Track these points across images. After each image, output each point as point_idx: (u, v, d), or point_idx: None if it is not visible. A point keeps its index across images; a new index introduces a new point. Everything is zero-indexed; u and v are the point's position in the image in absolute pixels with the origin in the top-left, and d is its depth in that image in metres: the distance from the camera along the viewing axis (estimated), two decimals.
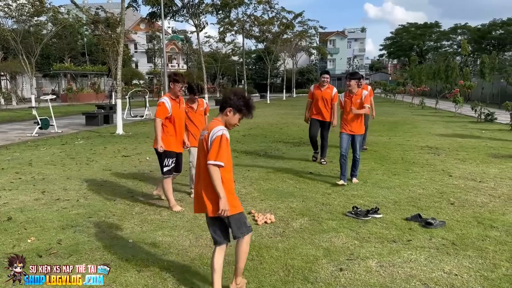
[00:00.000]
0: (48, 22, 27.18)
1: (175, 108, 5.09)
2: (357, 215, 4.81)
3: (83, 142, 11.35)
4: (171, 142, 5.15)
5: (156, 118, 5.07)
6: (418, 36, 71.09)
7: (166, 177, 5.15)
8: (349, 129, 6.40)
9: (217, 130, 2.86)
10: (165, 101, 5.06)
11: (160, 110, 5.03)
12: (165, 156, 5.13)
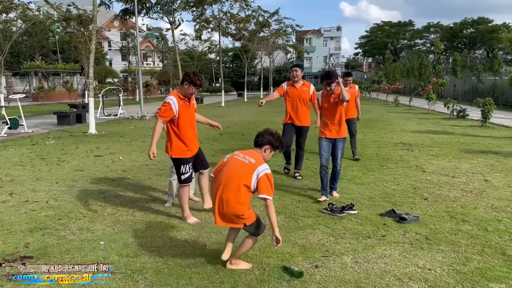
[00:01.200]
0: (17, 19, 26.40)
1: (184, 109, 4.49)
2: (332, 212, 4.81)
3: (54, 142, 11.03)
4: (183, 148, 4.57)
5: (158, 119, 4.41)
6: (392, 34, 72.32)
7: (184, 185, 4.63)
8: (329, 133, 5.46)
9: (265, 167, 3.29)
10: (171, 101, 4.39)
11: (164, 110, 4.38)
12: (180, 163, 4.58)
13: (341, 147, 5.51)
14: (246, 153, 3.41)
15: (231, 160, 3.40)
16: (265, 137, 3.49)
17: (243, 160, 3.34)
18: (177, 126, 4.51)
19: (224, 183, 3.28)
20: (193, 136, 4.69)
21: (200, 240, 4.07)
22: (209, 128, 5.56)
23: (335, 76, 5.40)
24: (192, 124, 4.68)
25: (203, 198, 5.01)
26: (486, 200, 5.36)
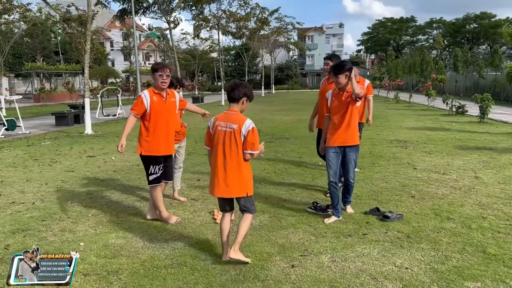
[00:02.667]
0: (19, 20, 26.48)
1: (158, 104, 4.31)
2: (317, 210, 4.79)
3: (49, 143, 11.06)
4: (154, 145, 4.35)
5: (130, 113, 4.38)
6: (394, 31, 72.01)
7: (153, 186, 4.44)
8: (338, 140, 4.53)
9: (249, 123, 3.39)
10: (143, 95, 4.32)
11: (135, 104, 4.32)
12: (149, 162, 4.39)
13: (353, 158, 4.63)
14: (225, 119, 3.45)
15: (219, 134, 3.45)
16: (241, 90, 3.47)
17: (227, 129, 3.41)
18: (149, 121, 4.35)
19: (221, 161, 3.43)
20: (167, 135, 4.44)
21: (180, 241, 4.05)
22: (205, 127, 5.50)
23: (345, 66, 4.40)
24: (168, 121, 4.42)
25: (159, 209, 4.55)
26: (474, 197, 5.31)
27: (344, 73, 4.37)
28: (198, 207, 5.17)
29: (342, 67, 4.38)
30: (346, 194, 4.82)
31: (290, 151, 9.15)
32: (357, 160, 4.72)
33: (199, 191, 5.93)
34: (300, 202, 5.28)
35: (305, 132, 12.24)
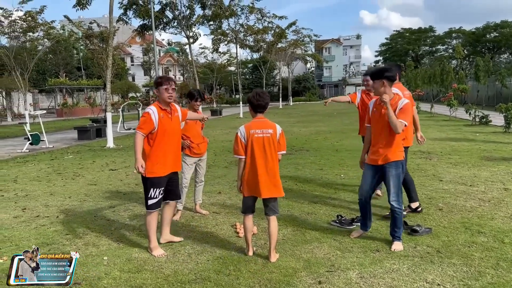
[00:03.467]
0: (43, 38, 27.27)
1: (165, 120, 3.99)
2: (341, 224, 4.68)
3: (72, 156, 11.23)
4: (160, 165, 3.99)
5: (137, 132, 3.96)
6: (413, 41, 71.46)
7: (150, 212, 4.04)
8: (374, 157, 4.08)
9: (279, 127, 3.87)
10: (151, 111, 3.94)
11: (143, 122, 3.93)
12: (150, 185, 3.99)
13: (393, 174, 4.00)
14: (259, 126, 3.77)
15: (257, 141, 3.72)
16: (266, 100, 3.86)
17: (263, 135, 3.75)
18: (154, 140, 3.98)
19: (264, 165, 3.72)
20: (172, 153, 4.10)
21: (203, 255, 4.00)
22: (224, 140, 5.52)
23: (384, 72, 3.96)
24: (173, 139, 4.09)
25: (162, 230, 4.35)
26: (504, 210, 5.12)
27: (380, 80, 3.95)
28: (220, 220, 5.13)
29: (379, 73, 4.00)
30: (393, 226, 4.05)
31: (310, 163, 9.05)
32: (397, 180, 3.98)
33: (221, 204, 5.88)
34: (323, 215, 5.18)
35: (325, 144, 12.16)
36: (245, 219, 3.92)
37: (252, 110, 3.88)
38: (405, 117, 3.93)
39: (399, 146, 4.05)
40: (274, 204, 3.83)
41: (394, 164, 4.00)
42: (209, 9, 20.75)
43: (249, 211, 3.89)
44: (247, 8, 26.07)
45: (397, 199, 4.00)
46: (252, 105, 3.85)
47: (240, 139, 3.77)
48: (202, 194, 5.61)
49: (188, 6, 20.48)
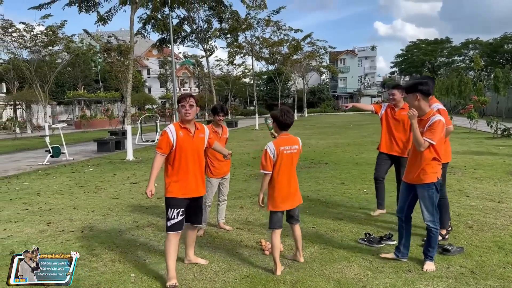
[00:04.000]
0: (63, 51, 27.86)
1: (185, 140, 3.79)
2: (370, 242, 4.59)
3: (93, 169, 11.34)
4: (177, 185, 3.80)
5: (156, 152, 3.80)
6: (429, 52, 70.93)
7: (169, 233, 3.79)
8: (410, 175, 3.96)
9: (300, 140, 4.01)
10: (168, 130, 3.80)
11: (160, 141, 3.79)
12: (168, 205, 3.82)
13: (425, 196, 3.86)
14: (287, 143, 3.90)
15: (287, 157, 3.86)
16: (293, 119, 4.02)
17: (292, 151, 3.90)
18: (173, 159, 3.80)
19: (288, 180, 3.89)
20: (194, 175, 3.86)
21: (230, 273, 3.95)
22: (242, 152, 5.51)
23: (417, 86, 3.81)
24: (195, 160, 3.86)
25: (186, 251, 4.24)
26: None
27: (414, 94, 3.80)
28: (244, 236, 5.07)
29: (412, 86, 3.86)
30: (427, 245, 3.91)
31: (331, 177, 8.96)
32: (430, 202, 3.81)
33: (243, 219, 5.84)
34: (350, 232, 5.09)
35: (344, 157, 12.03)
36: (274, 235, 3.91)
37: (277, 127, 3.98)
38: (432, 135, 3.71)
39: (433, 167, 3.83)
40: (297, 213, 4.10)
41: (426, 186, 3.85)
42: (226, 22, 20.98)
43: (277, 225, 3.93)
44: (263, 21, 26.28)
45: (432, 219, 3.87)
46: (280, 123, 3.95)
47: (269, 156, 3.84)
48: (224, 211, 5.56)
49: (206, 20, 20.76)
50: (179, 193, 3.79)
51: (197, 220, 4.10)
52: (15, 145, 20.84)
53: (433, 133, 3.74)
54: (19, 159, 14.65)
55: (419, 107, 3.81)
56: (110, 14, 15.29)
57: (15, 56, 23.74)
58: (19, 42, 22.13)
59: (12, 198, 7.74)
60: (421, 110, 3.83)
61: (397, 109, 5.54)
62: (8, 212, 6.68)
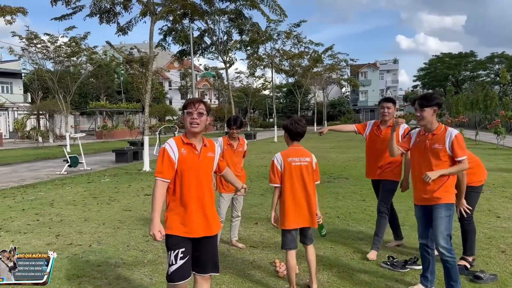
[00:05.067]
0: (86, 62, 28.39)
1: (188, 158, 2.85)
2: (393, 267, 4.23)
3: (109, 180, 11.25)
4: (177, 218, 2.85)
5: (156, 179, 2.81)
6: (453, 66, 69.66)
7: (171, 285, 2.93)
8: (419, 197, 3.59)
9: (314, 156, 3.73)
10: (168, 146, 2.85)
11: (160, 163, 2.82)
12: (167, 246, 2.91)
13: (441, 217, 3.42)
14: (296, 154, 3.63)
15: (295, 169, 3.59)
16: (305, 128, 3.72)
17: (302, 163, 3.62)
18: (174, 183, 2.87)
19: (305, 195, 3.63)
20: (198, 206, 2.87)
21: None
22: (259, 165, 5.32)
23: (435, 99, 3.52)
24: (198, 185, 2.88)
25: None
26: None
27: (432, 107, 3.47)
28: (258, 255, 4.78)
29: (430, 99, 3.51)
30: (447, 278, 3.44)
31: (351, 192, 8.59)
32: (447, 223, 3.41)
33: (258, 236, 5.55)
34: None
35: (365, 172, 11.61)
36: (288, 256, 3.63)
37: (288, 137, 3.73)
38: (463, 152, 3.40)
39: (448, 187, 3.47)
40: (311, 233, 3.76)
41: (444, 206, 3.44)
42: (246, 34, 20.95)
43: (291, 246, 3.64)
44: (284, 34, 26.20)
45: (447, 246, 3.40)
46: (291, 132, 3.68)
47: (276, 167, 3.64)
48: (238, 228, 5.29)
49: (226, 32, 20.77)
50: (177, 230, 2.82)
51: (204, 268, 2.96)
52: (37, 154, 21.10)
53: (463, 149, 3.44)
54: (38, 168, 14.74)
55: (432, 122, 3.51)
56: (130, 24, 15.39)
57: (39, 66, 24.24)
58: (43, 53, 22.58)
59: (25, 208, 7.65)
60: (432, 124, 3.53)
61: (383, 127, 4.81)
62: (19, 222, 6.56)
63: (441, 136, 3.48)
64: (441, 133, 3.49)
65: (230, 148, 4.98)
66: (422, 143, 3.58)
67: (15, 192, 9.49)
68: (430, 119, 3.50)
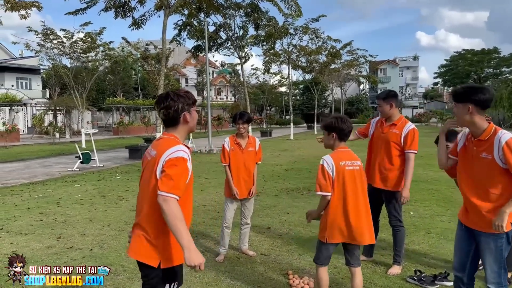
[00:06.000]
0: (104, 59, 28.39)
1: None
2: (421, 282, 3.77)
3: (120, 177, 10.99)
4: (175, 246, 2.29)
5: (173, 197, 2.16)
6: (475, 63, 67.80)
7: None
8: (467, 217, 2.86)
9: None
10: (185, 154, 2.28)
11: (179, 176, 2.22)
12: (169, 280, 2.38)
13: (491, 248, 2.71)
14: (348, 157, 3.13)
15: (349, 175, 3.09)
16: (351, 124, 3.24)
17: (355, 168, 3.13)
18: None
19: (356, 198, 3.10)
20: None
21: None
22: (274, 163, 5.02)
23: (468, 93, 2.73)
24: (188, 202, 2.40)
25: None
26: None
27: (465, 104, 2.70)
28: (270, 265, 4.37)
29: (464, 94, 2.73)
30: None
31: None
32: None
33: (270, 242, 5.13)
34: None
35: None
36: (322, 271, 3.20)
37: (337, 138, 3.16)
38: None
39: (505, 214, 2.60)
40: (359, 252, 3.28)
41: (497, 236, 2.66)
42: (262, 29, 20.45)
43: (326, 262, 3.21)
44: (301, 29, 25.60)
45: (499, 280, 2.70)
46: (342, 132, 3.14)
47: (327, 172, 3.05)
48: (248, 235, 4.86)
49: (242, 27, 20.32)
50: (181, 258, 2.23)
51: None
52: (52, 149, 21.09)
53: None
54: (51, 164, 14.61)
55: (471, 123, 2.71)
56: (144, 18, 15.10)
57: (55, 62, 24.26)
58: (59, 49, 22.54)
59: (30, 206, 7.39)
60: (475, 126, 2.72)
61: (386, 124, 4.20)
62: (21, 222, 6.29)
63: (489, 143, 2.68)
64: (488, 140, 2.69)
65: (238, 148, 4.47)
66: (471, 151, 2.79)
67: (24, 189, 9.28)
68: (466, 120, 2.72)
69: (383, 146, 4.16)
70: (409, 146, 4.03)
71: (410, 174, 4.04)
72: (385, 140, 4.15)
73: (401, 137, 4.05)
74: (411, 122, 4.19)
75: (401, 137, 4.05)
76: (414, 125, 4.15)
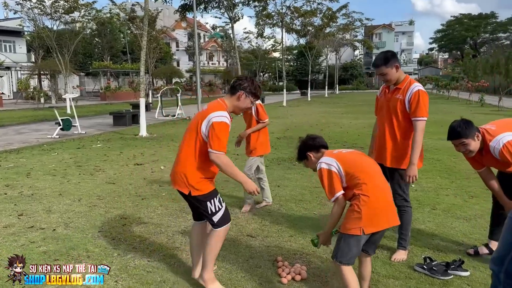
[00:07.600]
0: (90, 21, 27.04)
1: None
2: (431, 272, 3.22)
3: (101, 145, 10.32)
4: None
5: (223, 154, 2.82)
6: (472, 28, 66.61)
7: (224, 229, 2.99)
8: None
9: None
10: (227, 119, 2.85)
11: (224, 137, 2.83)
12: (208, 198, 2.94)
13: None
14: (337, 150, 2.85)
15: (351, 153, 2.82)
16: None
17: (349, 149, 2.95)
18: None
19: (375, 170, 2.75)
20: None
21: None
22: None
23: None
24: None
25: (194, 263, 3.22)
26: None
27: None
28: (256, 249, 3.81)
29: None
30: None
31: None
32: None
33: (257, 222, 4.57)
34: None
35: None
36: (348, 273, 2.62)
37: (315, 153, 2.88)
38: None
39: None
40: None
41: None
42: None
43: (352, 262, 2.63)
44: None
45: None
46: (314, 147, 2.90)
47: (329, 171, 2.67)
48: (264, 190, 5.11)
49: None
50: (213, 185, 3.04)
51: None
52: (35, 115, 20.26)
53: None
54: (30, 131, 13.84)
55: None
56: None
57: (36, 23, 22.95)
58: (39, 8, 21.24)
59: None
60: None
61: (390, 90, 3.55)
62: None
63: None
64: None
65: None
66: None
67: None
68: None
69: (386, 115, 3.52)
70: (413, 112, 3.35)
71: (417, 147, 3.34)
72: (388, 108, 3.51)
73: (405, 103, 3.39)
74: (417, 83, 3.50)
75: (405, 103, 3.39)
76: (420, 86, 3.46)
